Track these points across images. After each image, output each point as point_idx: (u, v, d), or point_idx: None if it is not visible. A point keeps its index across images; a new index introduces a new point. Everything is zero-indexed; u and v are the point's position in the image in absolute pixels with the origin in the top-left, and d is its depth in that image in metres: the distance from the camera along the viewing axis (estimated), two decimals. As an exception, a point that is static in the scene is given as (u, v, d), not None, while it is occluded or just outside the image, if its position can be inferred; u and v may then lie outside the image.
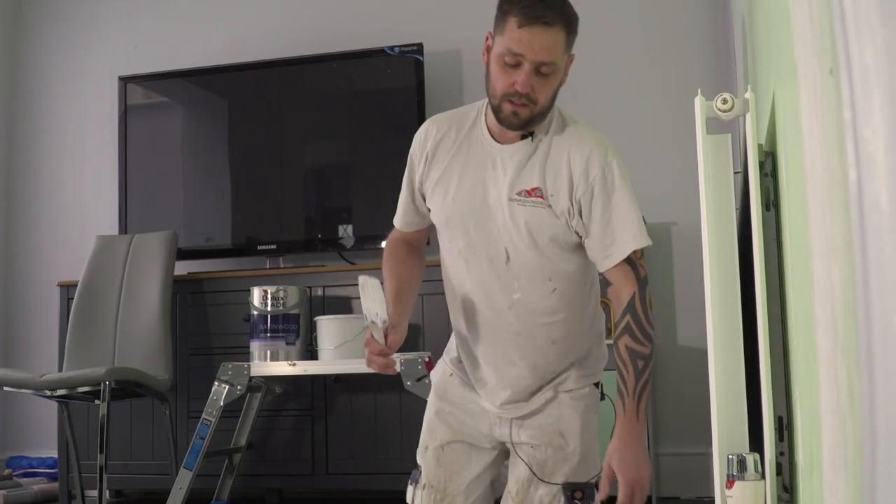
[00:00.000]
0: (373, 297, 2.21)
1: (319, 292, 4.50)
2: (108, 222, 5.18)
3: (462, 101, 4.94)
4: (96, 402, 3.92)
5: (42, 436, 5.20)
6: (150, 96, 5.27)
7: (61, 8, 5.65)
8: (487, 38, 2.25)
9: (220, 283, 4.68)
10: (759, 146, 1.78)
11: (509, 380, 2.35)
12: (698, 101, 1.76)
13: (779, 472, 1.70)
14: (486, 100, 2.34)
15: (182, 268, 4.81)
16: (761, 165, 1.79)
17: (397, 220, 2.54)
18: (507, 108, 2.20)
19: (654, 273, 4.58)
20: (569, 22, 2.17)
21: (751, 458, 1.58)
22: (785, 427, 1.72)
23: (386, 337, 2.24)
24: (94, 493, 3.90)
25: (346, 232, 4.84)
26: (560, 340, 2.35)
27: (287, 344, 4.17)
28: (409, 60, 4.78)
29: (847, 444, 0.90)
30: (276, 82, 5.04)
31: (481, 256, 2.32)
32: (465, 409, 2.42)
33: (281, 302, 4.19)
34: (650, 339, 2.22)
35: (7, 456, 5.26)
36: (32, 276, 5.46)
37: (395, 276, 2.45)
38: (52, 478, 4.91)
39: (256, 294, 4.22)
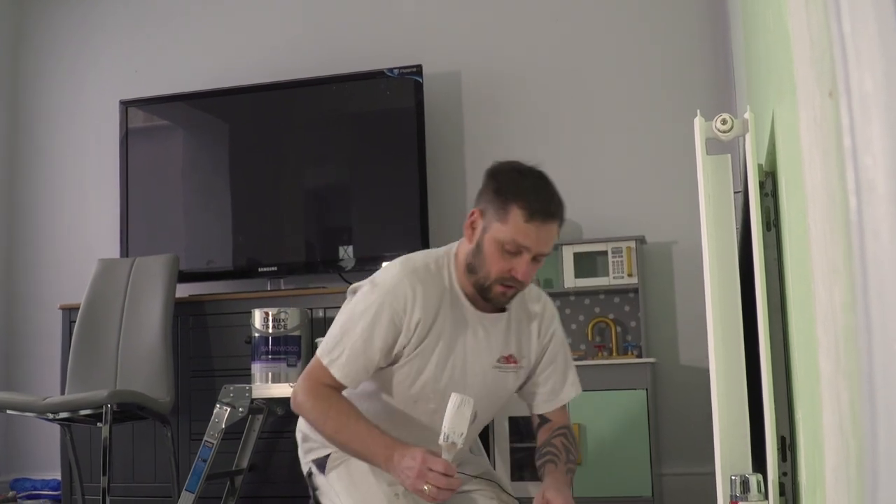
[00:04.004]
0: (464, 415, 2.11)
1: (320, 314, 4.50)
2: (110, 245, 5.18)
3: (461, 122, 4.98)
4: (99, 424, 3.91)
5: (45, 458, 5.19)
6: (151, 120, 5.29)
7: (62, 33, 5.68)
8: (474, 214, 2.28)
9: (222, 306, 4.68)
10: (759, 166, 1.78)
11: None
12: (698, 121, 1.76)
13: (782, 492, 1.70)
14: (449, 257, 2.35)
15: (183, 290, 4.81)
16: (761, 185, 1.79)
17: (344, 375, 2.30)
18: (497, 289, 2.27)
19: (656, 292, 4.58)
20: (563, 212, 2.26)
21: (754, 479, 1.58)
22: (788, 447, 1.72)
23: None
24: (97, 516, 3.89)
25: (346, 253, 4.84)
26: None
27: (288, 366, 4.16)
28: (408, 82, 4.79)
29: (850, 464, 0.90)
30: (276, 105, 5.05)
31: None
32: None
33: (282, 324, 4.19)
34: (575, 460, 2.39)
35: (11, 478, 5.25)
36: (34, 299, 5.46)
37: (361, 416, 2.29)
38: (56, 500, 4.90)
39: (257, 316, 4.22)
